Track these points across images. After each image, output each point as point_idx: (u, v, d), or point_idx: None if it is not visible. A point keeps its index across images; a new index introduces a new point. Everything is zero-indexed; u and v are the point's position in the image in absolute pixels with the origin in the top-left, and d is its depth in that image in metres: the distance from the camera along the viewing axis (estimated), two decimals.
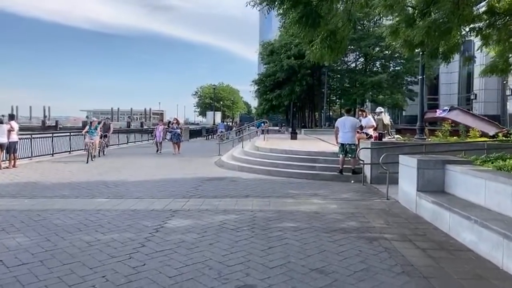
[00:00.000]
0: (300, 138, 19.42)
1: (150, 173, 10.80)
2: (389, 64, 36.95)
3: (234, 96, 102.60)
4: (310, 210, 6.33)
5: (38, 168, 11.70)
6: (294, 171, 10.14)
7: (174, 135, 17.30)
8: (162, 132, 17.76)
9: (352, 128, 9.92)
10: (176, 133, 17.32)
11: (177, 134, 17.32)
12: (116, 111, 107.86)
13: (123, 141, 23.92)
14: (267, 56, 38.92)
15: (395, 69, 36.15)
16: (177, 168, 11.80)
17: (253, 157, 12.07)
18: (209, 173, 10.76)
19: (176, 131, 17.35)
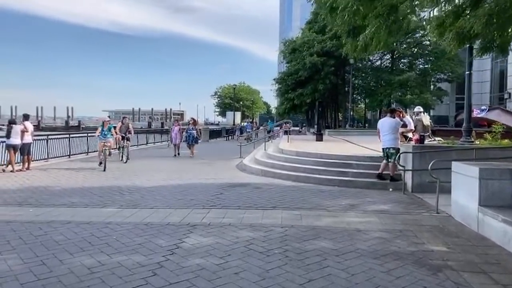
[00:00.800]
0: (325, 140, 18.46)
1: (168, 177, 10.13)
2: (417, 62, 35.41)
3: (253, 96, 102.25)
4: (350, 227, 5.46)
5: (52, 171, 11.22)
6: (324, 177, 9.26)
7: (189, 136, 16.34)
8: (178, 133, 16.62)
9: (391, 130, 8.97)
10: (192, 135, 16.35)
11: (192, 135, 16.34)
12: (137, 111, 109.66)
13: (143, 141, 23.51)
14: (289, 54, 37.94)
15: (425, 67, 34.56)
16: (197, 173, 11.10)
17: (278, 161, 11.24)
18: (231, 178, 10.00)
19: (192, 133, 16.35)
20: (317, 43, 31.71)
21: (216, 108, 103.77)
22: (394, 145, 8.88)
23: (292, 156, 11.14)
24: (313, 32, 33.11)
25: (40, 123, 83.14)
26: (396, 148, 8.87)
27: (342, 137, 21.29)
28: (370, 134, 26.25)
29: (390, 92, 31.09)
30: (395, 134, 8.93)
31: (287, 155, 11.41)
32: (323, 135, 18.04)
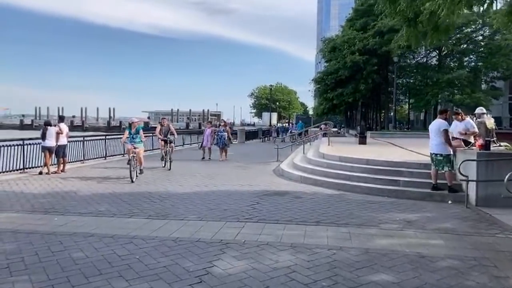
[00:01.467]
0: (369, 143, 17.33)
1: (202, 183, 9.61)
2: (469, 59, 33.04)
3: (290, 96, 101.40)
4: (410, 251, 4.61)
5: (86, 174, 11.05)
6: (371, 186, 8.36)
7: (220, 139, 15.44)
8: (210, 136, 15.63)
9: (436, 133, 7.98)
10: (223, 137, 15.44)
11: (223, 138, 15.43)
12: (176, 112, 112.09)
13: (179, 143, 23.09)
14: (329, 53, 36.75)
15: (476, 64, 32.18)
16: (232, 178, 10.52)
17: (319, 167, 10.43)
18: (267, 185, 9.32)
19: (223, 135, 15.46)
20: (358, 41, 30.35)
21: (252, 109, 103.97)
22: (441, 151, 7.87)
23: (335, 162, 10.29)
24: (354, 30, 31.77)
25: (84, 123, 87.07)
26: (445, 155, 7.84)
27: (386, 140, 20.05)
28: (417, 136, 24.71)
29: (437, 92, 29.14)
30: (440, 138, 7.90)
31: (329, 161, 10.58)
32: (366, 138, 16.95)
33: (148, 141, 19.55)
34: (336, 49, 34.40)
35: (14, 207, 6.85)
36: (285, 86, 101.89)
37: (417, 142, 18.34)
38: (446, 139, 7.91)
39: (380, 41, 29.29)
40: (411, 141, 19.09)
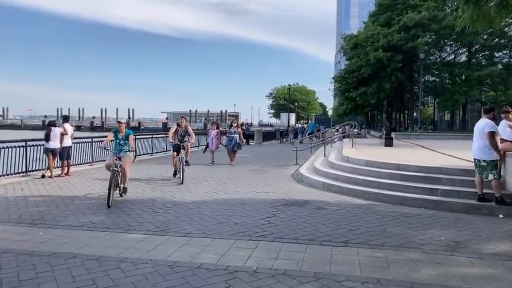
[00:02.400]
0: (395, 145, 16.13)
1: (213, 189, 8.76)
2: (500, 54, 31.12)
3: (309, 97, 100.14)
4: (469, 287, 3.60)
5: (90, 177, 10.37)
6: (405, 196, 7.32)
7: (231, 141, 14.02)
8: (215, 138, 14.18)
9: (479, 135, 6.88)
10: (234, 139, 14.04)
11: (234, 140, 14.03)
12: (194, 113, 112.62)
13: (195, 144, 22.92)
14: (350, 50, 35.41)
15: (510, 60, 30.27)
16: (245, 183, 9.63)
17: (342, 172, 9.43)
18: (286, 192, 8.39)
19: (234, 137, 14.02)
20: (382, 36, 28.98)
21: (270, 110, 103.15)
22: (484, 156, 6.76)
23: (361, 167, 9.27)
24: (377, 26, 30.40)
25: (104, 124, 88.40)
26: (490, 160, 6.72)
27: (413, 142, 18.80)
28: (445, 138, 23.29)
29: (467, 90, 27.49)
30: (486, 141, 6.77)
31: (354, 165, 9.56)
32: (392, 140, 15.78)
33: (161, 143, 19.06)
34: (358, 46, 33.06)
35: (1, 217, 6.15)
36: (304, 86, 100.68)
37: (448, 144, 17.07)
38: (492, 142, 6.78)
39: (406, 36, 27.87)
40: (441, 143, 17.81)
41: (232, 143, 14.02)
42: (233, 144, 14.01)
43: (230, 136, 14.09)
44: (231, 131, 14.21)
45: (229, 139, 14.06)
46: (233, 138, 14.03)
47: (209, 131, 14.49)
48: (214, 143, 14.23)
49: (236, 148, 14.06)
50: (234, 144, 14.02)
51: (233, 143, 14.00)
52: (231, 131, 14.24)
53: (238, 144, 14.17)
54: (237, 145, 14.08)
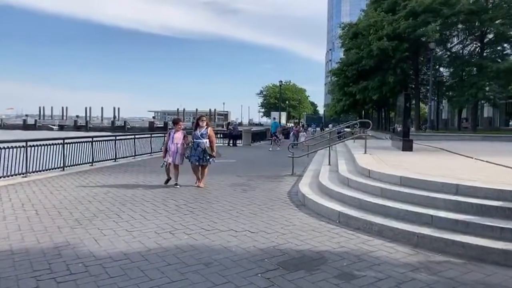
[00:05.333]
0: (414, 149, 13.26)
1: (168, 224, 5.79)
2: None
3: (300, 95, 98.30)
4: None
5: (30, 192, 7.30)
6: (486, 245, 4.43)
7: (196, 149, 9.07)
8: (180, 144, 9.18)
9: None
10: (200, 147, 9.02)
11: (201, 148, 9.02)
12: (182, 112, 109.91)
13: None
14: (350, 40, 32.52)
15: None
16: (221, 211, 6.68)
17: (365, 195, 6.53)
18: (282, 232, 5.43)
19: (201, 142, 9.02)
20: (387, 24, 26.21)
21: (260, 108, 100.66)
22: None
23: (394, 187, 6.35)
24: (380, 12, 27.63)
25: (88, 123, 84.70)
26: None
27: (428, 144, 15.96)
28: (462, 139, 20.57)
29: (484, 84, 24.83)
30: None
31: (382, 184, 6.64)
32: (412, 142, 12.95)
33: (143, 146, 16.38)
34: (359, 36, 30.20)
35: None
36: (295, 84, 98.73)
37: (473, 147, 14.30)
38: None
39: (414, 23, 25.14)
40: (462, 146, 15.05)
41: (197, 154, 9.05)
42: (199, 156, 9.05)
43: (195, 143, 9.14)
44: (197, 134, 9.12)
45: (194, 147, 9.13)
46: (199, 145, 9.05)
47: (170, 132, 9.55)
48: (178, 151, 9.15)
49: (205, 161, 9.15)
50: (202, 155, 9.06)
51: (199, 153, 9.05)
52: (197, 134, 9.12)
53: (207, 156, 9.09)
54: (206, 156, 9.10)
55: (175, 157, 9.11)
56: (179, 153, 9.16)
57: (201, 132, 9.13)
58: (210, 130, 9.20)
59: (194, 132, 9.22)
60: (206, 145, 9.05)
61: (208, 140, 9.10)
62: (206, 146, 9.05)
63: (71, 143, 12.60)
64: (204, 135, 9.11)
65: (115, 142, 14.88)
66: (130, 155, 15.66)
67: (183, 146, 9.18)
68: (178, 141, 9.17)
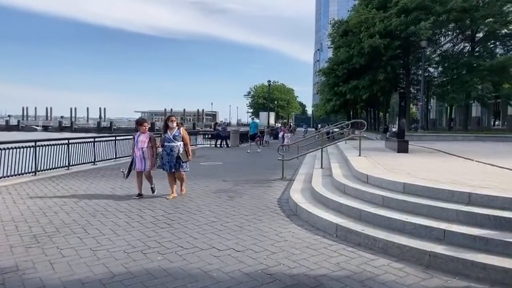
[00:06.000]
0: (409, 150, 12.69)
1: (137, 244, 5.05)
2: None
3: (289, 95, 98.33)
4: None
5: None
6: (507, 267, 3.79)
7: (168, 155, 7.84)
8: (146, 148, 7.87)
9: None
10: (173, 151, 7.82)
11: (174, 153, 7.82)
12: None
13: None
14: (340, 38, 31.94)
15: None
16: (202, 224, 5.96)
17: (365, 204, 5.87)
18: (272, 251, 4.73)
19: (173, 146, 7.82)
20: (378, 21, 25.70)
21: (249, 109, 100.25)
22: None
23: (397, 196, 5.69)
24: (371, 8, 27.12)
25: (73, 124, 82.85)
26: None
27: (421, 145, 15.46)
28: (455, 139, 20.15)
29: (477, 81, 24.42)
30: None
31: (383, 191, 5.98)
32: (408, 144, 12.37)
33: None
34: (349, 33, 29.66)
35: None
36: (283, 84, 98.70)
37: (470, 148, 13.81)
38: None
39: (406, 20, 24.69)
40: (457, 147, 14.62)
41: (170, 160, 7.79)
42: (173, 162, 7.79)
43: (167, 147, 7.83)
44: (168, 137, 7.85)
45: (166, 152, 7.84)
46: (172, 149, 7.80)
47: (134, 135, 8.18)
48: (146, 155, 7.87)
49: (178, 167, 7.84)
50: (175, 161, 7.79)
51: (172, 159, 7.79)
52: (168, 136, 7.85)
53: (179, 162, 7.81)
54: (178, 162, 7.81)
55: (143, 164, 7.86)
56: (147, 158, 7.88)
57: (173, 134, 7.88)
58: (183, 131, 8.05)
59: (164, 135, 7.96)
60: (180, 148, 7.87)
61: (183, 142, 7.96)
62: (180, 151, 7.84)
63: (45, 146, 11.76)
64: (178, 137, 7.89)
65: (93, 144, 14.04)
66: (110, 158, 14.85)
67: (150, 150, 7.91)
68: (143, 145, 7.88)
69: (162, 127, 8.21)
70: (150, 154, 7.93)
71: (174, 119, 8.03)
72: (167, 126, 7.96)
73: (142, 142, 7.90)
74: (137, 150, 7.91)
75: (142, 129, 8.04)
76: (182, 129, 8.06)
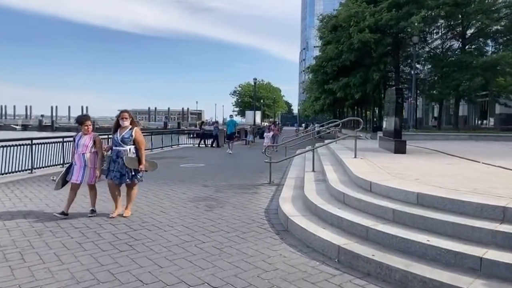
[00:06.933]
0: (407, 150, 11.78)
1: (84, 276, 3.97)
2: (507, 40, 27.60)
3: (275, 94, 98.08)
4: None
5: None
6: None
7: (115, 162, 6.16)
8: (89, 154, 6.21)
9: None
10: (120, 156, 6.12)
11: (121, 160, 6.11)
12: (154, 111, 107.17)
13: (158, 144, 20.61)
14: (329, 33, 30.98)
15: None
16: (171, 247, 4.87)
17: (371, 219, 4.89)
18: (260, 286, 3.68)
19: (121, 151, 6.13)
20: (368, 15, 24.86)
21: (235, 107, 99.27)
22: None
23: (410, 209, 4.68)
24: (362, 2, 26.24)
25: (54, 123, 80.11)
26: None
27: (415, 145, 14.54)
28: (448, 138, 19.39)
29: (470, 78, 23.71)
30: None
31: (392, 203, 4.98)
32: (406, 144, 11.47)
33: None
34: (338, 28, 28.73)
35: None
36: (270, 83, 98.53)
37: (468, 148, 12.92)
38: None
39: (397, 15, 23.91)
40: (452, 146, 13.79)
41: (117, 168, 6.14)
42: (120, 171, 6.14)
43: (114, 151, 6.21)
44: (116, 139, 6.21)
45: (112, 158, 6.20)
46: (119, 155, 6.13)
47: (75, 137, 6.52)
48: (84, 165, 6.19)
49: (130, 178, 6.20)
50: (125, 170, 6.14)
51: (120, 167, 6.13)
52: (116, 138, 6.21)
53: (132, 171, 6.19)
54: (129, 171, 6.16)
55: (81, 175, 6.14)
56: (91, 167, 6.19)
57: (122, 135, 6.18)
58: (136, 132, 6.26)
59: (113, 136, 6.34)
60: (129, 154, 6.12)
61: (134, 146, 6.22)
62: (128, 158, 6.08)
63: (5, 146, 10.55)
64: (127, 140, 6.16)
65: (62, 144, 12.77)
66: None
67: (95, 156, 6.26)
68: (85, 150, 6.16)
69: (113, 126, 6.50)
70: (94, 162, 6.23)
71: (127, 116, 6.28)
72: (118, 125, 6.31)
73: (83, 147, 6.19)
74: (77, 156, 6.21)
75: (84, 130, 6.29)
76: (136, 130, 6.29)
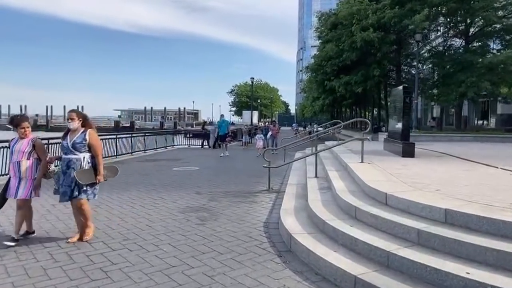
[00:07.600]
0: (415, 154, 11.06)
1: None
2: None
3: (272, 94, 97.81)
4: None
5: None
6: None
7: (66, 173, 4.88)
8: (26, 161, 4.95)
9: None
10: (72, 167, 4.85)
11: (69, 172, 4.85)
12: (150, 110, 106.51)
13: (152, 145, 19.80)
14: (328, 31, 30.20)
15: None
16: (153, 274, 4.13)
17: (392, 240, 4.17)
18: None
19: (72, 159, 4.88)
20: (371, 13, 24.11)
21: (232, 107, 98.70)
22: None
23: (439, 230, 3.92)
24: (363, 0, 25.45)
25: (49, 123, 79.07)
26: None
27: (425, 147, 13.82)
28: (452, 139, 18.70)
29: (476, 80, 22.96)
30: None
31: (414, 221, 4.24)
32: (414, 146, 10.76)
33: None
34: (339, 26, 27.99)
35: None
36: (267, 83, 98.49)
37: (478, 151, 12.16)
38: None
39: (401, 12, 23.18)
40: (460, 148, 13.10)
41: (66, 182, 4.89)
42: (70, 184, 4.87)
43: (63, 161, 4.96)
44: (65, 145, 4.93)
45: (62, 169, 4.96)
46: (69, 165, 4.89)
47: (10, 142, 5.21)
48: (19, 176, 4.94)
49: (80, 193, 4.89)
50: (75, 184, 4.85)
51: (69, 180, 4.87)
52: (65, 144, 4.94)
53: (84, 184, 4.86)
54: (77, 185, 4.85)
55: (15, 188, 4.91)
56: (27, 179, 4.96)
57: (72, 140, 4.93)
58: (91, 135, 5.01)
59: (62, 142, 5.07)
60: (83, 164, 4.90)
61: (89, 154, 5.00)
62: (79, 172, 4.81)
63: None
64: (80, 146, 4.92)
65: (48, 146, 11.94)
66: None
67: (35, 164, 5.02)
68: (21, 157, 4.96)
69: (65, 131, 5.15)
70: (32, 171, 4.99)
71: (74, 117, 4.99)
72: (67, 132, 5.07)
73: (19, 153, 4.97)
74: (11, 165, 5.04)
75: (20, 133, 5.05)
76: (90, 132, 5.02)
